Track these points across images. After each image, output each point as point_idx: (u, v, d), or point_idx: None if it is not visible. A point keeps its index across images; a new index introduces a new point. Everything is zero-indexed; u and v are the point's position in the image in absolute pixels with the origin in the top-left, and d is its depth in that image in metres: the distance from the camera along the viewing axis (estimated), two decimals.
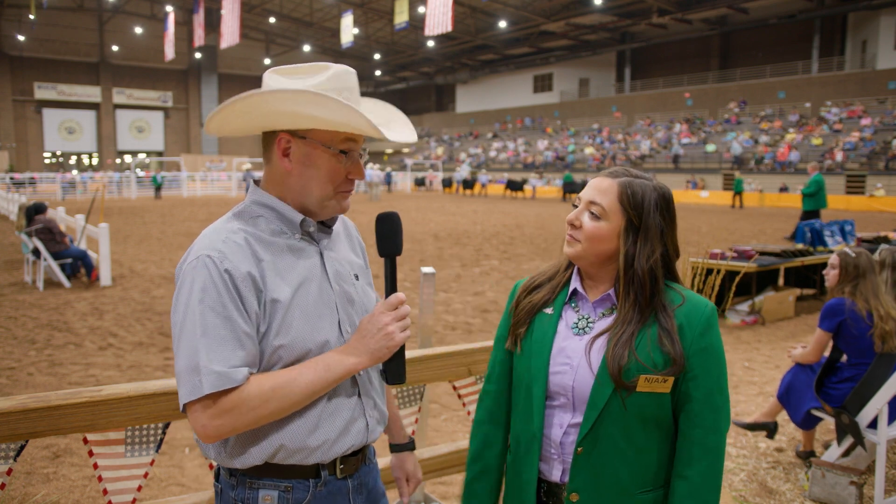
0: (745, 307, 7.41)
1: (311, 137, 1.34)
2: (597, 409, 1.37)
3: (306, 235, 1.41)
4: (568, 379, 1.42)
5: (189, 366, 1.22)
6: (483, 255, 12.24)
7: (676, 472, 1.40)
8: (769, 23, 36.50)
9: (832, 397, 3.54)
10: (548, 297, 1.51)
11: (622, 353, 1.35)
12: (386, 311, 1.34)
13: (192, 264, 1.27)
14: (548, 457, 1.46)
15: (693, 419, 1.38)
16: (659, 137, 37.99)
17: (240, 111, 1.32)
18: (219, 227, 1.34)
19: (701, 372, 1.38)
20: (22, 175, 35.04)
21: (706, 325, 1.39)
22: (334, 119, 1.29)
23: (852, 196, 27.03)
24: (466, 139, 51.84)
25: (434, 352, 2.29)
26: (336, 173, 1.37)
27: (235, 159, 43.29)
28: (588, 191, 1.45)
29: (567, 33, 42.86)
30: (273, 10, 46.73)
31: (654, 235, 1.40)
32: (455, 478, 3.55)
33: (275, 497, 1.35)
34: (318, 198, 1.38)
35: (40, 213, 9.21)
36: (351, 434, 1.40)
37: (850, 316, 3.45)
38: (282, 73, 1.36)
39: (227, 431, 1.25)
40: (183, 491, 3.47)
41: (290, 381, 1.27)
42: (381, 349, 1.33)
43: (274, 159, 1.38)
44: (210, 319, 1.23)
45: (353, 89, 1.36)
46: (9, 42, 46.13)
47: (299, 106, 1.28)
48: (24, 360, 5.64)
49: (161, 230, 16.45)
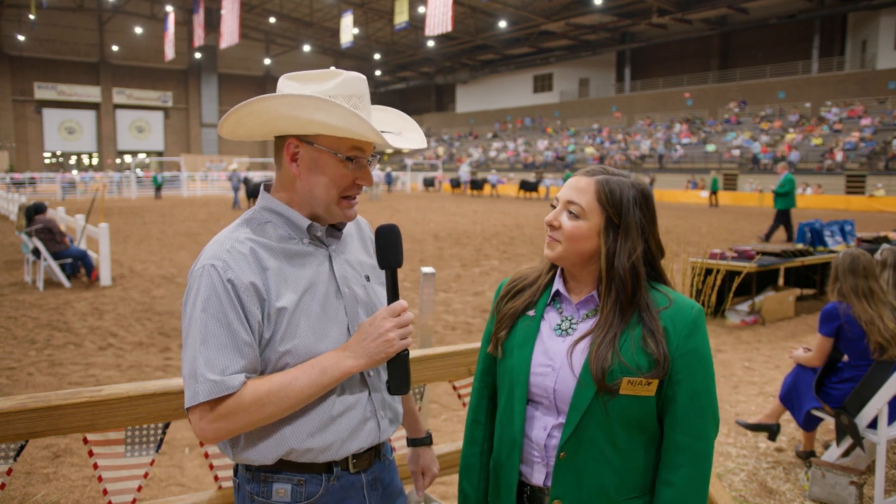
0: (745, 307, 7.41)
1: (319, 143, 1.36)
2: (579, 411, 1.35)
3: (314, 240, 1.42)
4: (549, 381, 1.40)
5: (189, 372, 1.27)
6: (483, 255, 12.24)
7: (661, 478, 1.37)
8: (769, 23, 36.49)
9: (832, 397, 3.54)
10: (530, 301, 1.49)
11: (605, 354, 1.33)
12: (388, 316, 1.36)
13: (198, 272, 1.31)
14: (530, 460, 1.43)
15: (678, 424, 1.35)
16: (659, 137, 38.01)
17: (250, 115, 1.35)
18: (226, 235, 1.37)
19: (686, 376, 1.35)
20: (22, 175, 35.04)
21: (692, 327, 1.36)
22: (339, 125, 1.31)
23: (852, 196, 27.01)
24: (466, 139, 51.83)
25: (434, 352, 2.29)
26: (342, 179, 1.38)
27: (235, 159, 43.29)
28: (565, 191, 1.43)
29: (567, 33, 42.85)
30: (273, 10, 46.72)
31: (634, 232, 1.38)
32: (455, 478, 3.55)
33: (288, 490, 1.38)
34: (323, 202, 1.39)
35: (40, 213, 9.21)
36: (362, 435, 1.42)
37: (846, 320, 3.46)
38: (295, 78, 1.38)
39: (224, 434, 1.28)
40: (183, 491, 3.47)
41: (286, 386, 1.29)
42: (378, 353, 1.34)
43: (283, 164, 1.40)
44: (211, 328, 1.27)
45: (363, 96, 1.37)
46: (9, 42, 46.13)
47: (306, 111, 1.30)
48: (24, 360, 5.64)
49: (161, 230, 16.45)
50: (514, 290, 1.53)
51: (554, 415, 1.40)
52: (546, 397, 1.41)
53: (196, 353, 1.26)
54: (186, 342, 1.29)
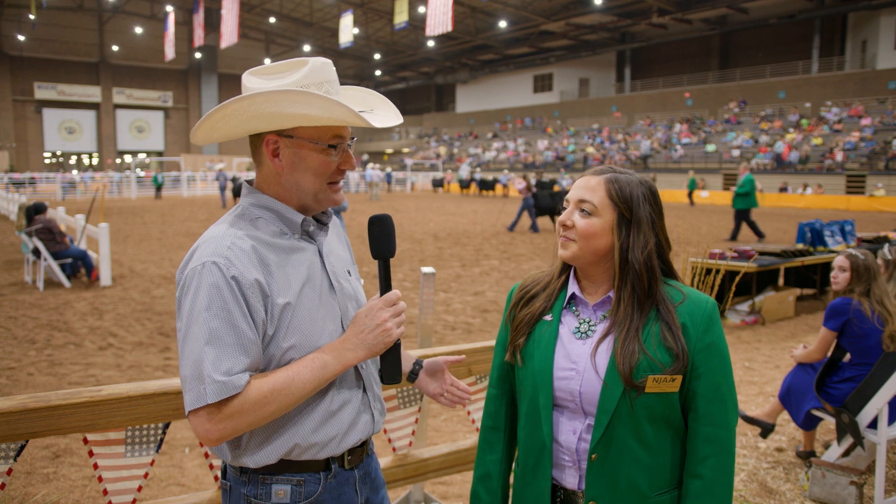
0: (745, 307, 7.41)
1: (298, 136, 1.35)
2: (607, 413, 1.36)
3: (305, 235, 1.42)
4: (574, 385, 1.40)
5: (194, 373, 1.24)
6: (483, 255, 12.24)
7: (689, 471, 1.40)
8: (769, 23, 36.48)
9: (833, 397, 3.54)
10: (545, 305, 1.49)
11: (631, 350, 1.35)
12: (384, 306, 1.36)
13: (197, 270, 1.28)
14: (561, 464, 1.44)
15: (703, 416, 1.39)
16: (659, 137, 37.99)
17: (224, 119, 1.33)
18: (223, 231, 1.34)
19: (707, 369, 1.38)
20: (22, 175, 35.03)
21: (709, 321, 1.39)
22: (318, 115, 1.30)
23: (852, 196, 27.02)
24: (466, 139, 51.82)
25: (434, 352, 2.29)
26: (326, 167, 1.38)
27: (235, 159, 43.29)
28: (576, 191, 1.45)
29: (567, 33, 42.85)
30: (273, 10, 46.72)
31: (645, 226, 1.41)
32: (455, 478, 3.55)
33: (287, 491, 1.38)
34: (311, 193, 1.39)
35: (40, 213, 9.21)
36: (358, 427, 1.44)
37: (855, 315, 3.46)
38: (259, 73, 1.37)
39: (228, 435, 1.27)
40: (183, 491, 3.47)
41: (289, 383, 1.29)
42: (377, 344, 1.35)
43: (264, 161, 1.39)
44: (216, 327, 1.24)
45: (333, 81, 1.37)
46: (9, 42, 46.13)
47: (281, 106, 1.28)
48: (24, 360, 5.64)
49: (161, 230, 16.45)
50: (528, 295, 1.54)
51: (581, 418, 1.41)
52: (572, 401, 1.41)
53: (201, 354, 1.23)
54: (186, 342, 1.25)
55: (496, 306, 7.94)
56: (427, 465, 2.45)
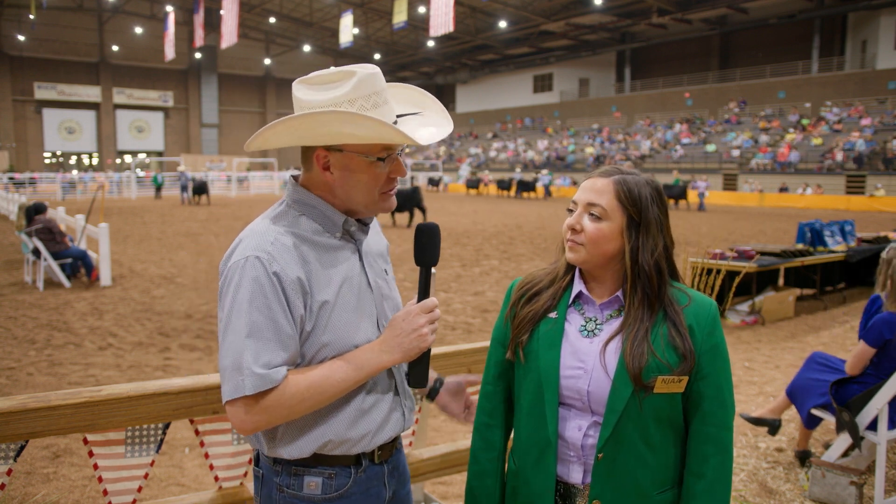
0: (745, 307, 7.41)
1: (348, 150, 1.36)
2: (616, 413, 1.36)
3: (346, 234, 1.44)
4: (582, 383, 1.40)
5: (233, 364, 1.28)
6: (483, 255, 12.24)
7: (691, 470, 1.41)
8: (769, 23, 36.46)
9: (840, 396, 3.49)
10: (550, 303, 1.49)
11: (641, 351, 1.35)
12: (421, 312, 1.39)
13: (240, 263, 1.31)
14: (566, 460, 1.44)
15: (706, 417, 1.40)
16: (659, 137, 37.98)
17: (275, 135, 1.35)
18: (266, 227, 1.37)
19: (711, 371, 1.40)
20: (22, 175, 35.02)
21: (713, 324, 1.41)
22: (366, 135, 1.31)
23: (852, 196, 27.01)
24: (466, 139, 51.83)
25: (434, 352, 2.29)
26: (377, 179, 1.40)
27: (235, 159, 43.27)
28: (584, 193, 1.43)
29: (567, 33, 42.84)
30: (273, 10, 46.70)
31: (654, 229, 1.41)
32: (455, 478, 3.55)
33: (319, 483, 1.41)
34: (363, 203, 1.41)
35: (40, 213, 9.21)
36: (389, 425, 1.47)
37: None
38: (309, 83, 1.37)
39: (262, 426, 1.31)
40: (183, 491, 3.47)
41: (324, 380, 1.33)
42: (413, 349, 1.39)
43: (315, 170, 1.41)
44: (257, 320, 1.28)
45: (381, 91, 1.36)
46: (9, 42, 46.10)
47: (330, 126, 1.31)
48: (24, 360, 5.64)
49: (161, 230, 16.45)
50: (530, 293, 1.53)
51: (587, 415, 1.42)
52: (579, 399, 1.41)
53: (242, 346, 1.27)
54: (227, 333, 1.29)
55: (496, 306, 7.94)
56: (427, 465, 2.45)
